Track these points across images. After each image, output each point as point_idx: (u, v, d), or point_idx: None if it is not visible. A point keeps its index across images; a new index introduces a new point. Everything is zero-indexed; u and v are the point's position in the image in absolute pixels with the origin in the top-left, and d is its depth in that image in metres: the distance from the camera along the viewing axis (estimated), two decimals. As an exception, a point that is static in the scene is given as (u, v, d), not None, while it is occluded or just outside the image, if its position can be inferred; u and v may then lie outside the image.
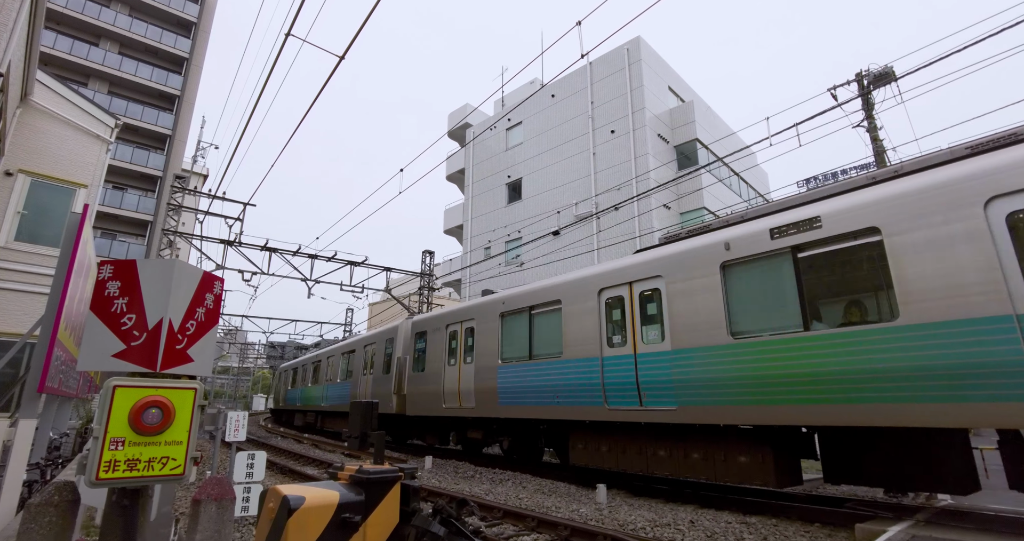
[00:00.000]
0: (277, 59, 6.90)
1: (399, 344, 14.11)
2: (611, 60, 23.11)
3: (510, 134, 27.65)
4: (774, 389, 5.80)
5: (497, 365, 10.17)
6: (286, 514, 2.43)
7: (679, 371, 6.93)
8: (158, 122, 29.05)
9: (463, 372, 11.21)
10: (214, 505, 3.03)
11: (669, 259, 7.43)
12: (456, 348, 11.67)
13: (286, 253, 20.26)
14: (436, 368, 12.18)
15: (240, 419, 7.64)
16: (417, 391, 12.79)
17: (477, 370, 10.68)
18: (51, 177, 11.80)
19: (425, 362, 12.70)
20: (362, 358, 16.61)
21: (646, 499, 7.71)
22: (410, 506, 2.93)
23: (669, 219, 20.46)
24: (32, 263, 11.13)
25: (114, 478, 2.16)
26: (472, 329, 11.28)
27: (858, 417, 5.12)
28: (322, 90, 7.11)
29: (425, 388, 12.46)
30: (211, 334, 2.60)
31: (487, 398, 10.22)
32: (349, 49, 6.27)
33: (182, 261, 2.63)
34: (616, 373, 7.82)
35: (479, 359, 10.74)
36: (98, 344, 2.29)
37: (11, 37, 7.85)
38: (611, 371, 7.91)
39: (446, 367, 11.84)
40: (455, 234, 31.24)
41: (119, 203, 26.51)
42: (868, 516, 5.72)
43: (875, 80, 11.87)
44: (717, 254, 6.79)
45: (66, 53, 27.01)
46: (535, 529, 5.91)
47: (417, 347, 13.18)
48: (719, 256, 6.76)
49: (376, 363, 15.37)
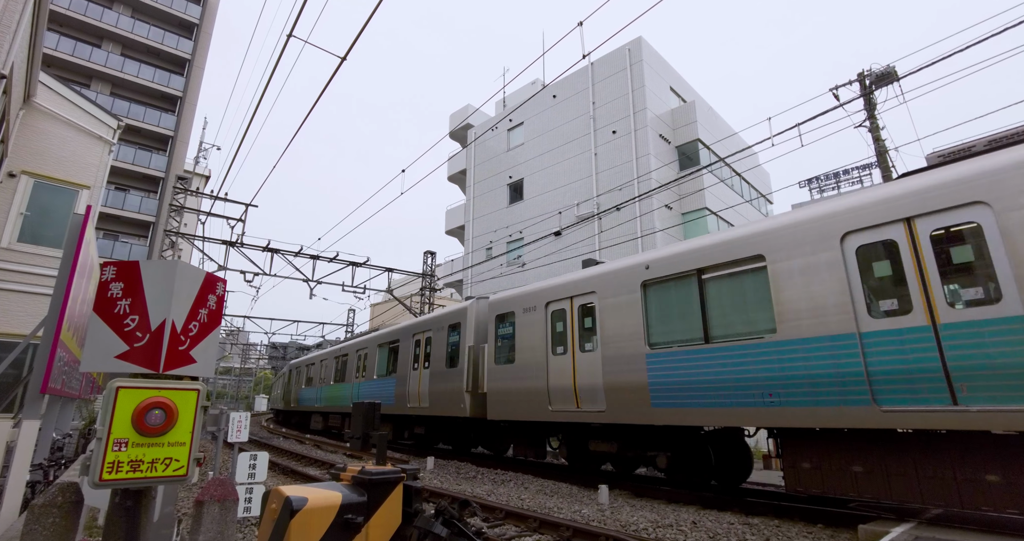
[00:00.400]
0: (279, 60, 6.91)
1: (468, 330, 11.47)
2: (612, 60, 23.11)
3: (511, 135, 27.66)
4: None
5: (644, 353, 7.55)
6: (288, 515, 2.43)
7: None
8: (160, 123, 29.13)
9: (580, 363, 8.67)
10: (217, 506, 3.04)
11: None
12: (565, 332, 9.11)
13: (288, 254, 20.30)
14: (533, 359, 9.58)
15: (242, 420, 7.64)
16: (504, 389, 10.14)
17: (607, 360, 8.08)
18: (54, 178, 11.83)
19: (514, 351, 10.04)
20: (411, 350, 13.83)
21: (648, 500, 7.70)
22: (412, 507, 2.94)
23: (671, 220, 20.45)
24: (35, 264, 11.16)
25: (117, 479, 2.16)
26: (590, 306, 8.66)
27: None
28: (324, 91, 7.12)
29: (517, 385, 9.83)
30: (214, 335, 2.60)
31: (628, 398, 7.62)
32: (351, 50, 6.28)
33: (185, 262, 2.64)
34: (895, 355, 5.26)
35: (608, 345, 8.14)
36: (101, 345, 2.30)
37: (14, 39, 7.88)
38: (882, 352, 5.38)
39: (550, 357, 9.27)
40: (457, 235, 31.26)
41: (121, 204, 26.59)
42: (871, 517, 5.71)
43: (877, 80, 11.85)
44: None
45: (69, 55, 27.10)
46: (537, 530, 5.91)
47: (500, 333, 10.63)
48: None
49: (435, 355, 12.51)
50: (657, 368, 7.34)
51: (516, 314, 10.21)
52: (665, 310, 7.55)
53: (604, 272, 8.58)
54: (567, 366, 8.91)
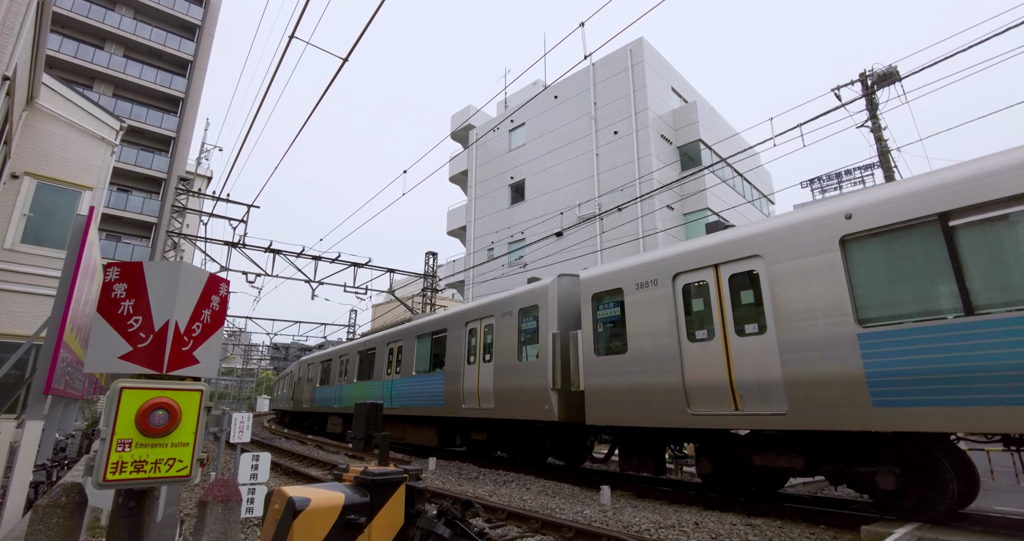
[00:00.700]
0: (281, 61, 6.93)
1: (550, 315, 9.46)
2: (614, 61, 23.12)
3: (513, 135, 27.69)
4: None
5: (854, 332, 5.54)
6: (291, 515, 2.43)
7: None
8: (162, 124, 29.23)
9: (737, 352, 6.59)
10: (220, 506, 3.04)
11: None
12: (709, 311, 7.02)
13: (290, 255, 20.34)
14: (655, 348, 7.50)
15: (244, 420, 7.65)
16: (610, 387, 8.03)
17: (787, 345, 6.07)
18: (57, 179, 11.87)
19: (624, 339, 8.02)
20: (463, 341, 11.89)
21: (650, 500, 7.70)
22: (415, 507, 2.94)
23: (673, 220, 20.45)
24: (38, 265, 11.20)
25: (121, 480, 2.17)
26: (752, 275, 6.64)
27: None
28: (326, 92, 7.13)
29: (631, 381, 7.72)
30: (217, 336, 2.61)
31: (828, 395, 5.62)
32: (352, 51, 6.29)
33: (188, 263, 2.64)
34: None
35: (787, 325, 6.12)
36: (105, 346, 2.31)
37: (17, 41, 7.91)
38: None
39: (685, 345, 7.16)
40: (458, 235, 31.29)
41: (124, 205, 26.68)
42: (874, 518, 5.70)
43: (879, 80, 11.84)
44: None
45: (71, 56, 27.22)
46: (539, 530, 5.91)
47: (599, 316, 8.64)
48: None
49: (500, 346, 10.58)
50: (879, 352, 5.36)
51: (625, 291, 8.15)
52: (887, 272, 5.58)
53: (774, 229, 6.50)
54: (715, 356, 6.80)
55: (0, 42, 7.58)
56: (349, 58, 6.41)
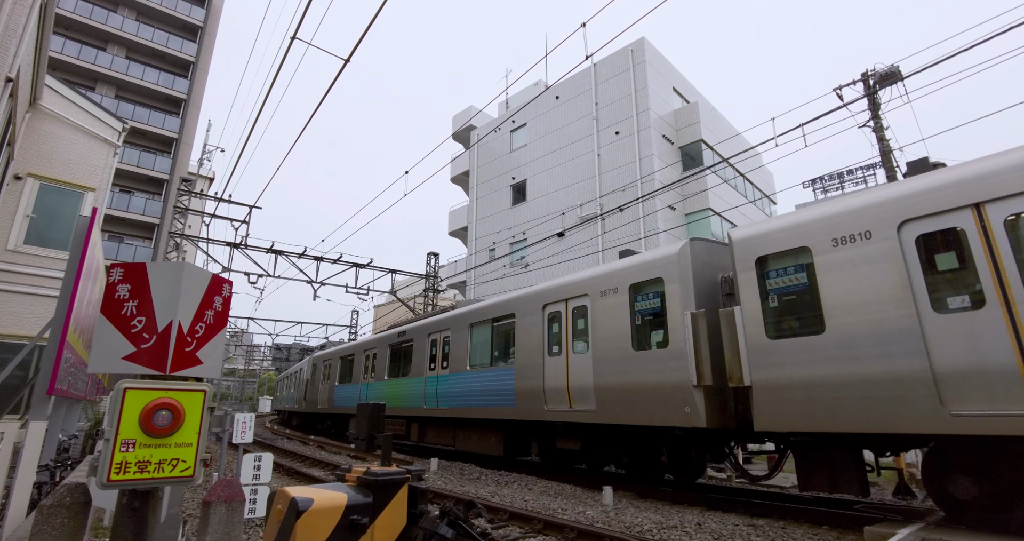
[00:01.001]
0: (283, 62, 6.95)
1: (683, 290, 7.35)
2: (615, 61, 23.11)
3: (514, 136, 27.69)
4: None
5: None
6: (294, 516, 2.44)
7: None
8: (165, 125, 29.29)
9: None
10: (224, 507, 3.05)
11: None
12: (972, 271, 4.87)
13: (292, 255, 20.39)
14: (869, 325, 5.44)
15: (247, 421, 7.66)
16: (796, 381, 5.86)
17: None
18: (60, 181, 11.91)
19: (816, 315, 5.91)
20: (541, 327, 9.78)
21: (652, 501, 7.69)
22: (418, 508, 2.94)
23: (674, 220, 20.43)
24: (41, 266, 11.23)
25: (125, 480, 2.17)
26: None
27: None
28: (328, 93, 7.15)
29: (832, 372, 5.59)
30: (220, 336, 2.61)
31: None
32: (354, 52, 6.30)
33: (191, 264, 2.65)
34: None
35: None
36: (108, 346, 2.31)
37: (20, 42, 7.94)
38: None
39: (928, 318, 5.07)
40: (460, 236, 31.30)
41: (126, 206, 26.74)
42: (877, 518, 5.68)
43: (881, 80, 11.82)
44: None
45: (74, 58, 27.29)
46: (541, 531, 5.91)
47: (772, 287, 6.43)
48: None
49: (601, 331, 8.48)
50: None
51: (813, 251, 6.04)
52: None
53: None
54: (996, 331, 4.59)
55: (3, 44, 7.61)
56: (351, 59, 6.42)
